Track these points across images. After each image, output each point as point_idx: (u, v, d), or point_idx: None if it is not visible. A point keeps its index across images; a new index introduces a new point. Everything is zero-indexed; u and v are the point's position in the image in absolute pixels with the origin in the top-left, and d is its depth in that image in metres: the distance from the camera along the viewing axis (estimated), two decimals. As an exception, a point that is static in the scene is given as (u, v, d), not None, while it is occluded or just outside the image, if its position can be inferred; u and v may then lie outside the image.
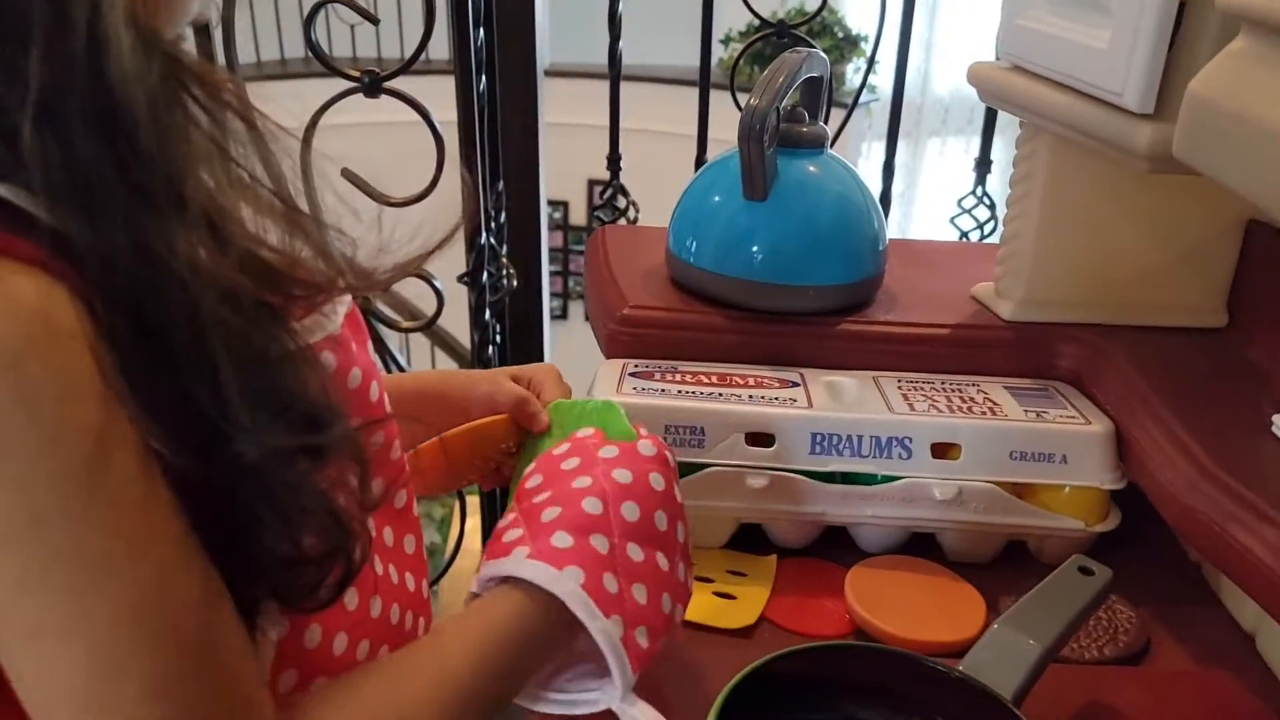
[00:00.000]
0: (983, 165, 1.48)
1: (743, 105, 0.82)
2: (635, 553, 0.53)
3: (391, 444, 0.57)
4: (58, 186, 0.36)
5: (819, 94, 0.90)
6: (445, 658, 0.48)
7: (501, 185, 1.36)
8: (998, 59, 0.82)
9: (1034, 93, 0.74)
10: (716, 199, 0.89)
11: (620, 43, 1.37)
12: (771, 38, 1.40)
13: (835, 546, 0.79)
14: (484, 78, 1.25)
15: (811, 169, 0.87)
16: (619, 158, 1.47)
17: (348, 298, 0.52)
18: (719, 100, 1.41)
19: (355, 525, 0.45)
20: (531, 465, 0.60)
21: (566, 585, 0.50)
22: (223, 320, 0.39)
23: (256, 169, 0.43)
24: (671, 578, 0.55)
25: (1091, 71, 0.67)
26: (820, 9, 1.44)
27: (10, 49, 0.35)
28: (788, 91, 0.81)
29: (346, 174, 1.05)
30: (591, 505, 0.54)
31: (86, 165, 0.36)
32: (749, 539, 0.79)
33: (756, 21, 1.38)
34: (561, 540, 0.52)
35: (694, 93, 1.46)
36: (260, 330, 0.41)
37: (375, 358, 0.56)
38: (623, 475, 0.56)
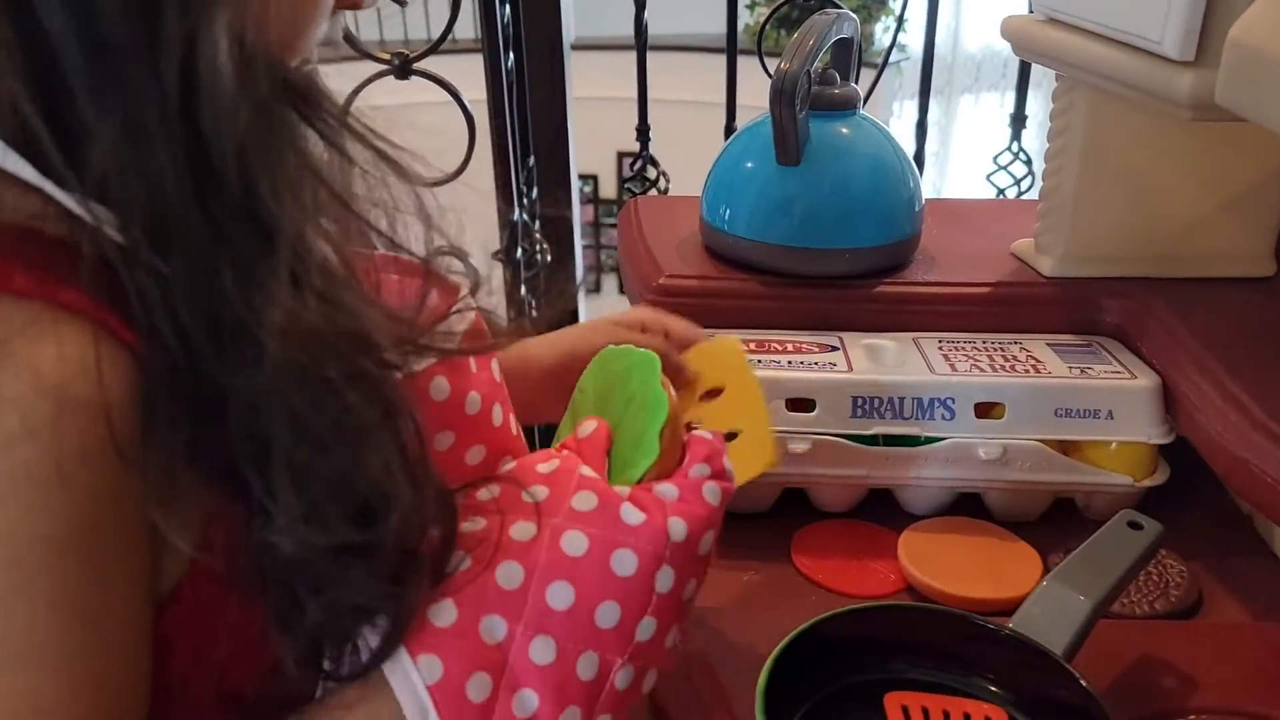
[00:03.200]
0: (1018, 121, 1.46)
1: (771, 70, 0.81)
2: (543, 651, 0.41)
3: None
4: (129, 207, 0.34)
5: (849, 55, 0.89)
6: None
7: (532, 161, 1.36)
8: (1031, 11, 0.81)
9: (1070, 44, 0.73)
10: (749, 165, 0.88)
11: (645, 12, 1.36)
12: (797, 1, 1.39)
13: (880, 509, 0.79)
14: (511, 54, 1.25)
15: (844, 131, 0.87)
16: (648, 128, 1.46)
17: (471, 313, 0.47)
18: (746, 66, 1.40)
19: (407, 604, 0.39)
20: (511, 465, 0.48)
21: (409, 679, 0.40)
22: (289, 390, 0.35)
23: (393, 217, 0.40)
24: (596, 688, 0.42)
25: (1129, 20, 0.66)
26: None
27: (104, 61, 0.33)
28: (818, 54, 0.81)
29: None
30: (507, 576, 0.42)
31: (162, 190, 0.34)
32: (792, 504, 0.80)
33: (782, -15, 1.36)
34: (439, 612, 0.41)
35: (720, 60, 1.45)
36: (334, 403, 0.36)
37: (498, 374, 0.50)
38: (574, 543, 0.42)
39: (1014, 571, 0.71)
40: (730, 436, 0.53)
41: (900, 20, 1.70)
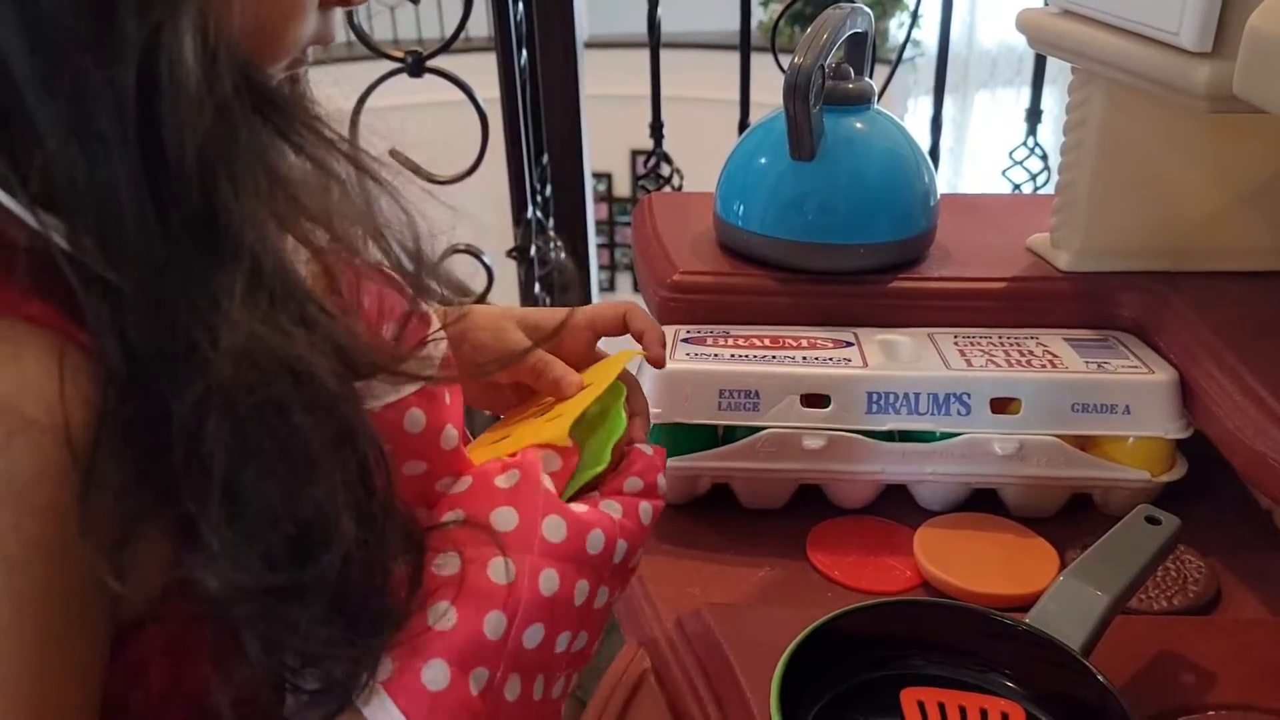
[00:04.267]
0: (1033, 115, 1.45)
1: (785, 67, 0.81)
2: (512, 689, 0.43)
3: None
4: (79, 215, 0.33)
5: (863, 50, 0.89)
6: None
7: (546, 159, 1.37)
8: (1046, 4, 0.80)
9: (1086, 37, 0.73)
10: (763, 161, 0.88)
11: (659, 10, 1.36)
12: (812, -4, 1.39)
13: (896, 505, 0.79)
14: (524, 52, 1.25)
15: (859, 126, 0.86)
16: (661, 125, 1.47)
17: (444, 341, 0.47)
18: (760, 63, 1.40)
19: (357, 654, 0.38)
20: (463, 484, 0.47)
21: None
22: (233, 410, 0.33)
23: (378, 231, 0.39)
24: (542, 706, 0.45)
25: (1145, 11, 0.65)
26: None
27: (54, 62, 0.32)
28: (832, 48, 0.80)
29: (395, 155, 1.07)
30: (493, 627, 0.42)
31: (115, 199, 0.32)
32: (807, 500, 0.79)
33: (796, -20, 1.36)
34: (434, 676, 0.40)
35: (734, 57, 1.45)
36: (281, 426, 0.35)
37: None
38: (549, 583, 0.44)
39: (1030, 567, 0.71)
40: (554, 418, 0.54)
41: (915, 16, 1.69)
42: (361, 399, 0.39)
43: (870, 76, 0.91)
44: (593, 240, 1.56)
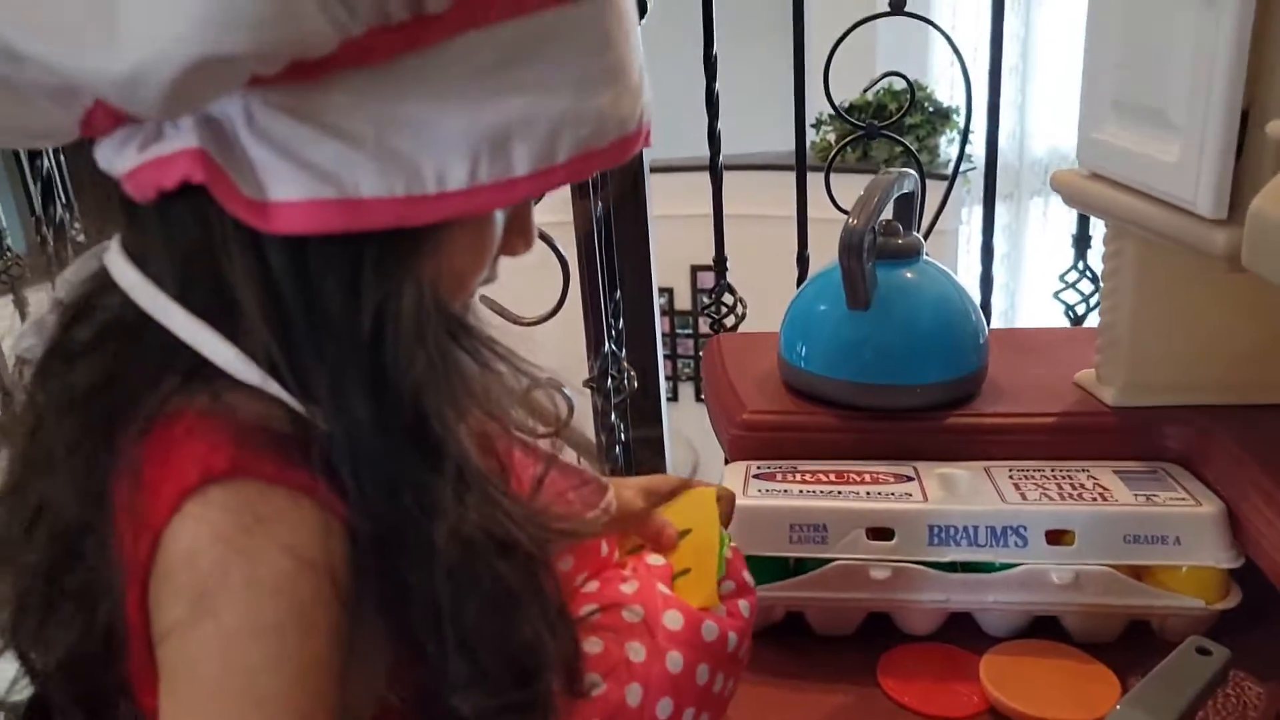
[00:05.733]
0: (1081, 241, 1.51)
1: (837, 199, 0.88)
2: None
3: None
4: (335, 427, 0.42)
5: (911, 208, 0.97)
6: None
7: (619, 295, 1.46)
8: (1079, 164, 0.87)
9: (1114, 199, 0.79)
10: (823, 308, 0.96)
11: (721, 151, 1.47)
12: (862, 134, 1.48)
13: (962, 630, 0.83)
14: (599, 203, 1.36)
15: (909, 275, 0.94)
16: (724, 259, 1.55)
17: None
18: (812, 181, 1.49)
19: None
20: (591, 587, 0.58)
21: None
22: (456, 574, 0.42)
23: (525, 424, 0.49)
24: None
25: (1164, 181, 0.72)
26: (903, 113, 1.51)
27: (317, 317, 0.41)
28: (881, 210, 0.88)
29: (486, 301, 1.17)
30: (634, 696, 0.53)
31: (355, 418, 0.42)
32: (877, 627, 0.84)
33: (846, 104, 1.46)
34: None
35: (786, 176, 1.54)
36: (491, 582, 0.44)
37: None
38: (675, 663, 0.55)
39: (1092, 693, 0.74)
40: (684, 573, 0.62)
41: (965, 135, 1.77)
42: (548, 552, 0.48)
43: (924, 194, 0.98)
44: (662, 367, 1.64)
